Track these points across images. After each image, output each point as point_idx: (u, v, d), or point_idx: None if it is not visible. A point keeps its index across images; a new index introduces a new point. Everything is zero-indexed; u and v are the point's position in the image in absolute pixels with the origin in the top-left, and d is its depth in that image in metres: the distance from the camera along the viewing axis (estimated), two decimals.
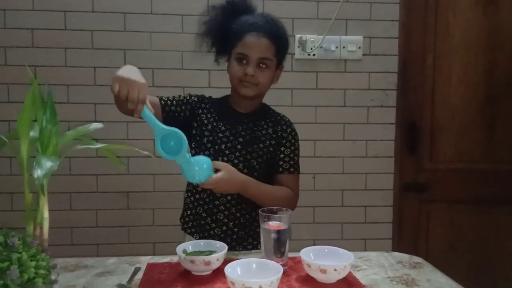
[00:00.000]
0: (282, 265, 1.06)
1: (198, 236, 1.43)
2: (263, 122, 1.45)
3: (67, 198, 2.13)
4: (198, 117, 1.45)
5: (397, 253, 1.35)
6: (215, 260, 1.12)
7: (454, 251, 2.32)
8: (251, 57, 1.35)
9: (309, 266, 1.09)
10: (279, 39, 1.40)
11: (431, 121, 2.29)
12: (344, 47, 2.19)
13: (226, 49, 1.44)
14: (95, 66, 2.11)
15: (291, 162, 1.45)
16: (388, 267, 1.23)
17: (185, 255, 1.13)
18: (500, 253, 2.34)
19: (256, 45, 1.35)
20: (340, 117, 2.23)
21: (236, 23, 1.39)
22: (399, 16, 2.22)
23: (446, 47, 2.26)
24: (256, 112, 1.46)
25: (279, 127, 1.46)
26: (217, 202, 1.41)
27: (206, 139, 1.42)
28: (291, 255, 1.20)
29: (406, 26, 2.24)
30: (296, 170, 1.47)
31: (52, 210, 0.99)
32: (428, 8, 2.25)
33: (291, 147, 1.46)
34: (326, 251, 1.17)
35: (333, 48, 2.18)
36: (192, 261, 1.11)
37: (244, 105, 1.45)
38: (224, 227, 1.42)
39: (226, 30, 1.40)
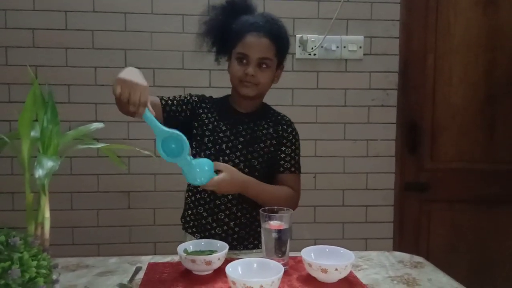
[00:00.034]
0: (283, 265, 1.06)
1: (199, 236, 1.43)
2: (264, 122, 1.45)
3: (68, 198, 2.13)
4: (198, 117, 1.45)
5: (398, 253, 1.35)
6: (216, 259, 1.12)
7: (454, 250, 2.32)
8: (251, 57, 1.35)
9: (310, 265, 1.09)
10: (279, 39, 1.40)
11: (431, 120, 2.29)
12: (344, 47, 2.19)
13: (226, 49, 1.43)
14: (96, 66, 2.11)
15: (292, 161, 1.45)
16: (389, 266, 1.23)
17: (186, 254, 1.13)
18: (501, 253, 2.34)
19: (256, 45, 1.35)
20: (341, 116, 2.23)
21: (237, 23, 1.39)
22: (400, 16, 2.23)
23: (446, 47, 2.26)
24: (256, 112, 1.46)
25: (280, 127, 1.46)
26: (218, 202, 1.41)
27: (207, 139, 1.42)
28: (292, 254, 1.20)
29: (407, 25, 2.24)
30: (297, 169, 1.47)
31: (53, 210, 0.99)
32: (429, 8, 2.25)
33: (292, 146, 1.46)
34: (327, 250, 1.17)
35: (333, 47, 2.18)
36: (193, 261, 1.11)
37: (244, 105, 1.45)
38: (225, 227, 1.42)
39: (227, 30, 1.40)
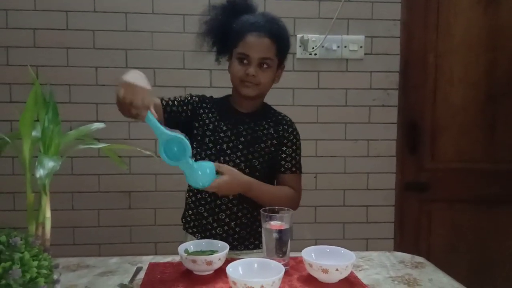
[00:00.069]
0: (283, 265, 1.06)
1: (200, 236, 1.42)
2: (265, 122, 1.45)
3: (69, 198, 2.13)
4: (199, 117, 1.45)
5: (399, 253, 1.35)
6: (216, 259, 1.12)
7: (455, 250, 2.32)
8: (252, 57, 1.35)
9: (310, 265, 1.09)
10: (280, 38, 1.39)
11: (432, 120, 2.29)
12: (345, 47, 2.19)
13: (227, 48, 1.43)
14: (96, 66, 2.11)
15: (293, 161, 1.45)
16: (390, 267, 1.23)
17: (186, 254, 1.13)
18: (501, 253, 2.34)
19: (257, 45, 1.35)
20: (341, 116, 2.23)
21: (237, 22, 1.39)
22: (401, 16, 2.22)
23: (447, 47, 2.26)
24: (257, 112, 1.46)
25: (281, 127, 1.45)
26: (218, 202, 1.41)
27: (208, 139, 1.42)
28: (292, 254, 1.19)
29: (408, 25, 2.24)
30: (298, 169, 1.47)
31: (54, 210, 1.00)
32: (430, 7, 2.24)
33: (292, 146, 1.46)
34: (328, 250, 1.17)
35: (334, 47, 2.18)
36: (194, 261, 1.11)
37: (245, 105, 1.45)
38: (226, 227, 1.42)
39: (227, 30, 1.40)
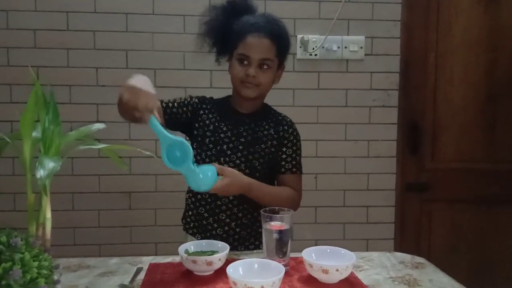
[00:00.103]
0: (284, 265, 1.06)
1: (200, 237, 1.42)
2: (265, 123, 1.45)
3: (69, 198, 2.13)
4: (199, 117, 1.45)
5: (399, 253, 1.35)
6: (217, 260, 1.12)
7: (455, 251, 2.31)
8: (252, 58, 1.35)
9: (311, 266, 1.09)
10: (280, 39, 1.39)
11: (432, 121, 2.29)
12: (346, 47, 2.19)
13: (227, 49, 1.43)
14: (97, 67, 2.11)
15: (293, 162, 1.45)
16: (390, 267, 1.23)
17: (187, 255, 1.13)
18: (501, 253, 2.34)
19: (257, 46, 1.35)
20: (342, 117, 2.23)
21: (237, 23, 1.39)
22: (401, 16, 2.22)
23: (447, 47, 2.26)
24: (257, 112, 1.46)
25: (281, 128, 1.45)
26: (219, 203, 1.41)
27: (208, 140, 1.42)
28: (293, 255, 1.20)
29: (408, 26, 2.24)
30: (299, 170, 1.47)
31: (55, 211, 1.00)
32: (430, 7, 2.24)
33: (293, 147, 1.45)
34: (328, 251, 1.17)
35: (335, 48, 2.18)
36: (194, 261, 1.11)
37: (245, 105, 1.44)
38: (226, 227, 1.42)
39: (227, 30, 1.40)
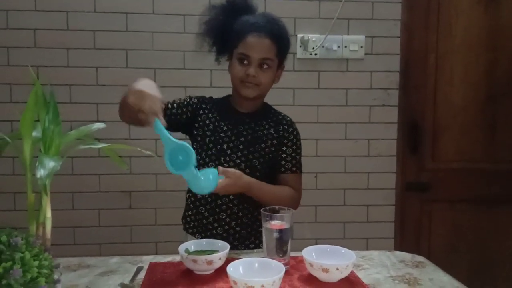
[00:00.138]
0: (284, 264, 1.06)
1: (200, 236, 1.42)
2: (265, 122, 1.45)
3: (69, 197, 2.13)
4: (199, 117, 1.45)
5: (399, 252, 1.35)
6: (217, 259, 1.12)
7: (455, 250, 2.31)
8: (252, 57, 1.35)
9: (311, 265, 1.09)
10: (280, 39, 1.39)
11: (433, 120, 2.29)
12: (346, 47, 2.19)
13: (227, 48, 1.43)
14: (97, 66, 2.11)
15: (293, 161, 1.45)
16: (390, 266, 1.23)
17: (187, 254, 1.13)
18: (501, 253, 2.34)
19: (257, 45, 1.35)
20: (342, 116, 2.23)
21: (237, 23, 1.39)
22: (401, 16, 2.22)
23: (448, 47, 2.26)
24: (257, 112, 1.46)
25: (281, 127, 1.45)
26: (219, 202, 1.41)
27: (208, 139, 1.42)
28: (293, 254, 1.20)
29: (408, 25, 2.24)
30: (299, 169, 1.47)
31: (55, 210, 1.00)
32: (430, 7, 2.24)
33: (293, 146, 1.46)
34: (328, 250, 1.17)
35: (335, 47, 2.18)
36: (194, 261, 1.11)
37: (245, 105, 1.45)
38: (226, 227, 1.42)
39: (227, 30, 1.40)
